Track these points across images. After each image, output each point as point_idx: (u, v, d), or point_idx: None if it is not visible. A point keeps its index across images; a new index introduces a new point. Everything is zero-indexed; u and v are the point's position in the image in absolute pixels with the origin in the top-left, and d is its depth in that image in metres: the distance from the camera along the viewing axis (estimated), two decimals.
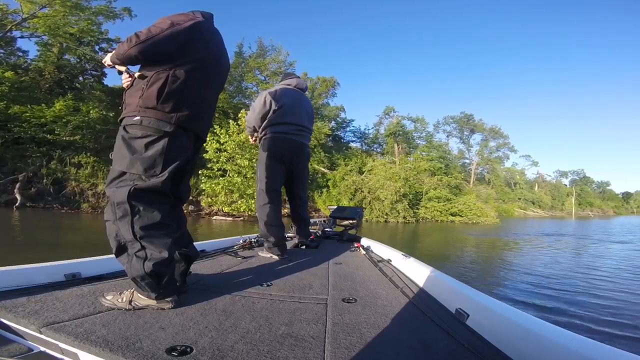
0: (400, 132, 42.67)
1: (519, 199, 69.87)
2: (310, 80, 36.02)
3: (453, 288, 1.70)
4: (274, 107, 2.99)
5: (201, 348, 1.07)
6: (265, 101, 2.99)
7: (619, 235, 18.64)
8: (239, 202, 18.88)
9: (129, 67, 1.62)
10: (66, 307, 1.38)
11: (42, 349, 1.14)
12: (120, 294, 1.48)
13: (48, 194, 18.29)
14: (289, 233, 3.76)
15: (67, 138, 19.56)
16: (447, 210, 30.16)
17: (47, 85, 22.55)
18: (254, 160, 20.46)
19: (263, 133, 3.03)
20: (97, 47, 24.70)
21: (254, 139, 3.25)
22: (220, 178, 18.93)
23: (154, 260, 1.42)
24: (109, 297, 1.46)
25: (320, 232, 4.33)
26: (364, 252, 3.07)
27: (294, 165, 3.14)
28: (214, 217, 19.69)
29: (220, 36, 1.83)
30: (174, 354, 1.02)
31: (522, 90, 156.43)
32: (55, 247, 7.66)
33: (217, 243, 3.19)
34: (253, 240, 3.37)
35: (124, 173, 1.48)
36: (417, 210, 29.27)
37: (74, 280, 1.78)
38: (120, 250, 1.48)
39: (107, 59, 1.62)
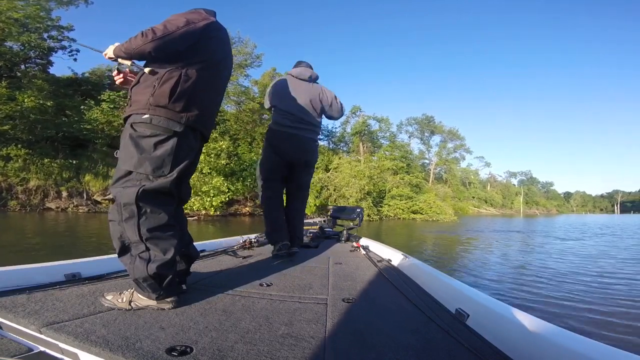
0: (366, 132, 43.61)
1: (473, 197, 74.61)
2: (279, 75, 35.69)
3: (453, 288, 1.71)
4: (267, 104, 3.03)
5: (201, 348, 1.06)
6: (265, 98, 3.06)
7: (570, 232, 19.27)
8: (193, 199, 18.23)
9: (134, 62, 1.59)
10: (66, 307, 1.37)
11: (42, 349, 1.13)
12: (120, 294, 1.47)
13: None
14: None
15: None
16: (408, 208, 31.19)
17: None
18: (212, 155, 19.89)
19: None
20: (46, 35, 22.98)
21: None
22: None
23: (158, 262, 1.41)
24: (109, 297, 1.45)
25: (320, 232, 4.32)
26: (364, 252, 3.08)
27: (301, 162, 3.04)
28: None
29: (228, 35, 1.82)
30: (174, 354, 1.02)
31: (479, 93, 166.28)
32: None
33: (217, 243, 3.19)
34: (253, 240, 3.37)
35: (130, 172, 1.46)
36: (380, 208, 30.03)
37: (74, 280, 1.77)
38: (124, 250, 1.46)
39: (109, 51, 1.57)
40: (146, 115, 1.47)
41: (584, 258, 8.93)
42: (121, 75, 1.67)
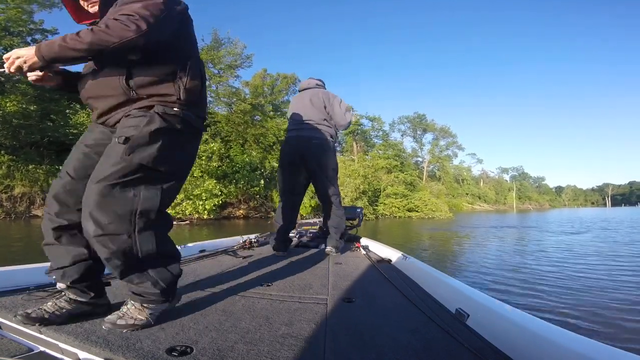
0: (359, 131, 43.75)
1: (467, 194, 75.79)
2: (270, 76, 35.50)
3: (453, 288, 1.71)
4: None
5: (201, 348, 1.06)
6: None
7: (565, 227, 19.30)
8: (185, 204, 17.75)
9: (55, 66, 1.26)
10: None
11: (42, 349, 1.13)
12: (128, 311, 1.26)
13: None
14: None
15: None
16: (404, 206, 31.31)
17: None
18: (203, 157, 19.74)
19: None
20: (29, 39, 22.26)
21: None
22: None
23: (175, 272, 1.32)
24: (120, 322, 1.19)
25: (320, 232, 4.27)
26: (364, 252, 3.09)
27: (308, 163, 3.03)
28: None
29: None
30: (174, 354, 1.02)
31: (470, 90, 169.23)
32: None
33: (217, 243, 3.20)
34: (253, 240, 3.39)
35: (141, 167, 1.18)
36: (376, 207, 30.11)
37: None
38: (132, 269, 1.21)
39: (26, 57, 1.18)
40: (176, 109, 1.27)
41: (582, 255, 8.89)
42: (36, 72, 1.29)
